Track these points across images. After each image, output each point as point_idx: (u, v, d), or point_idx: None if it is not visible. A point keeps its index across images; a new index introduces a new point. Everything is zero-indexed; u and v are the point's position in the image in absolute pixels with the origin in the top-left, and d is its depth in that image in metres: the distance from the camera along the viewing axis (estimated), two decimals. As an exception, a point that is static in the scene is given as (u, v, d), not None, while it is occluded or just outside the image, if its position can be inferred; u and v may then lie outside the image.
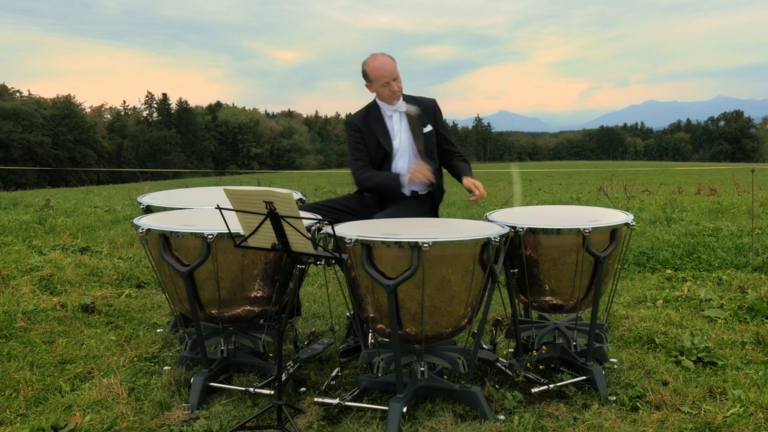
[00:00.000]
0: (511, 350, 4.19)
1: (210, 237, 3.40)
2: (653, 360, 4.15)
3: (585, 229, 3.55)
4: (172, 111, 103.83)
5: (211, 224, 3.56)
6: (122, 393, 3.69)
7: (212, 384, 3.66)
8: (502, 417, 3.37)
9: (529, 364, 3.82)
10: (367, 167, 4.47)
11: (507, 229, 3.48)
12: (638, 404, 3.53)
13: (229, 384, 3.74)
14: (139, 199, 4.54)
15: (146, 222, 3.66)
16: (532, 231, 3.65)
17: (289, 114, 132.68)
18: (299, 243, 3.10)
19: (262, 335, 3.79)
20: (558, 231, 3.62)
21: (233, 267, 3.55)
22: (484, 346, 3.98)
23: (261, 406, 3.50)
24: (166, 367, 4.01)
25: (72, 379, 3.92)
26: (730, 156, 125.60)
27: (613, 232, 3.70)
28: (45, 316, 4.95)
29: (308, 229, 3.54)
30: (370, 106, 4.54)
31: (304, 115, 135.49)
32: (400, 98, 4.44)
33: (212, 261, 3.48)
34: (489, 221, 3.82)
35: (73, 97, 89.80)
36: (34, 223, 8.95)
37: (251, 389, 3.57)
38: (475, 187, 4.23)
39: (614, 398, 3.60)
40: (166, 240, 3.52)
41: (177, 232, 3.47)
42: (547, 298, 3.82)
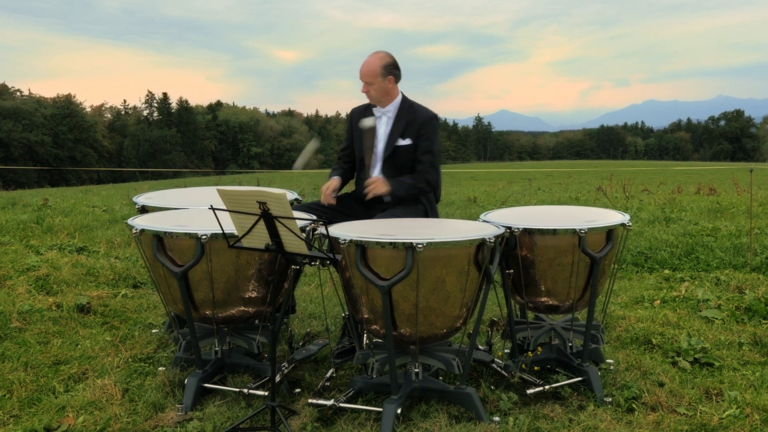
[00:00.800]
0: (506, 351, 4.18)
1: (204, 237, 3.39)
2: (650, 361, 4.13)
3: (581, 229, 3.53)
4: (173, 110, 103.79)
5: (205, 224, 3.54)
6: (116, 394, 3.67)
7: (206, 385, 3.65)
8: (497, 418, 3.35)
9: (524, 365, 3.80)
10: (339, 162, 4.58)
11: (502, 230, 3.46)
12: (634, 405, 3.52)
13: (224, 385, 3.72)
14: (135, 199, 4.53)
15: (140, 222, 3.64)
16: (528, 231, 3.64)
17: (290, 113, 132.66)
18: (293, 244, 3.08)
19: (257, 336, 3.77)
20: (554, 231, 3.60)
21: (227, 267, 3.53)
22: (480, 347, 3.96)
23: (255, 408, 3.48)
24: (161, 368, 3.99)
25: (66, 380, 3.91)
26: (731, 155, 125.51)
27: (609, 232, 3.68)
28: (40, 316, 4.93)
29: (302, 229, 3.52)
30: (373, 105, 4.47)
31: (305, 115, 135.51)
32: (382, 103, 4.34)
33: (206, 261, 3.47)
34: (484, 222, 3.81)
35: (74, 97, 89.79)
36: (31, 222, 8.93)
37: (245, 390, 3.56)
38: (369, 182, 4.17)
39: (610, 399, 3.58)
40: (159, 240, 3.51)
41: (171, 233, 3.46)
42: (543, 299, 3.81)
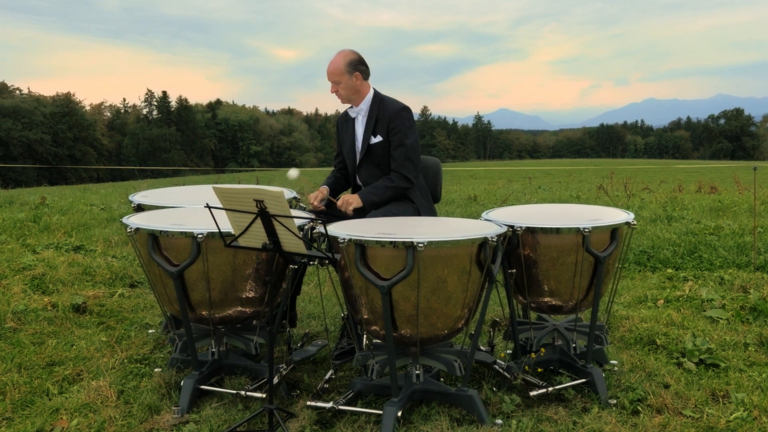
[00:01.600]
0: (508, 351, 4.11)
1: (200, 236, 3.32)
2: (654, 362, 4.06)
3: (585, 228, 3.46)
4: (172, 109, 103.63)
5: (201, 223, 3.47)
6: (111, 396, 3.60)
7: (203, 387, 3.57)
8: (499, 421, 3.28)
9: (527, 367, 3.73)
10: (333, 170, 4.57)
11: (504, 229, 3.39)
12: (639, 408, 3.45)
13: (221, 387, 3.65)
14: (131, 197, 4.46)
15: (135, 221, 3.57)
16: (531, 230, 3.57)
17: (289, 112, 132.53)
18: (291, 243, 3.01)
19: (254, 337, 3.70)
20: (557, 230, 3.53)
21: (224, 267, 3.46)
22: (482, 347, 3.89)
23: (252, 410, 3.41)
24: (157, 369, 3.92)
25: (60, 382, 3.84)
26: (731, 154, 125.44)
27: (614, 231, 3.61)
28: (35, 316, 4.86)
29: (301, 228, 3.45)
30: (350, 106, 4.42)
31: (304, 113, 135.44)
32: (355, 102, 4.28)
33: (202, 261, 3.39)
34: (486, 220, 3.74)
35: (73, 95, 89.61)
36: (28, 221, 8.85)
37: (243, 392, 3.49)
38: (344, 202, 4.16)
39: (614, 401, 3.51)
40: (155, 239, 3.43)
41: (166, 232, 3.38)
42: (546, 299, 3.74)
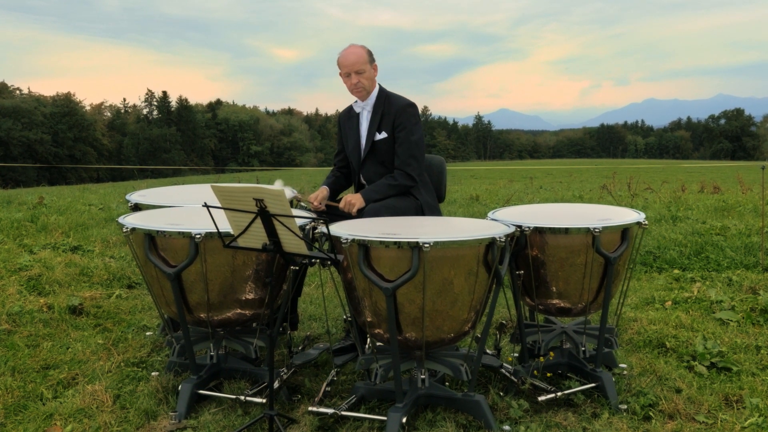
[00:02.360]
0: (515, 354, 4.01)
1: (198, 237, 3.21)
2: (664, 365, 3.96)
3: (595, 228, 3.35)
4: (172, 109, 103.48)
5: (199, 223, 3.36)
6: (107, 400, 3.50)
7: (201, 391, 3.47)
8: (507, 427, 3.18)
9: (536, 372, 3.62)
10: (333, 168, 4.46)
11: (512, 229, 3.29)
12: (651, 413, 3.34)
13: (220, 391, 3.55)
14: (128, 196, 4.34)
15: (131, 220, 3.47)
16: (539, 230, 3.46)
17: (289, 112, 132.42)
18: (292, 243, 2.91)
19: (254, 340, 3.60)
20: (566, 230, 3.43)
21: (223, 268, 3.36)
22: (488, 351, 3.79)
23: (252, 416, 3.31)
24: (154, 373, 3.82)
25: (55, 386, 3.73)
26: (731, 154, 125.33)
27: (624, 231, 3.51)
28: (30, 318, 4.76)
29: (302, 228, 3.35)
30: (354, 102, 4.36)
31: (304, 113, 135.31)
32: (364, 96, 4.20)
33: (201, 262, 3.29)
34: (493, 220, 3.63)
35: (73, 95, 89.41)
36: (26, 221, 8.76)
37: (242, 397, 3.38)
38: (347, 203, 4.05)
39: (625, 407, 3.41)
40: (151, 240, 3.33)
41: (163, 232, 3.28)
42: (555, 301, 3.63)
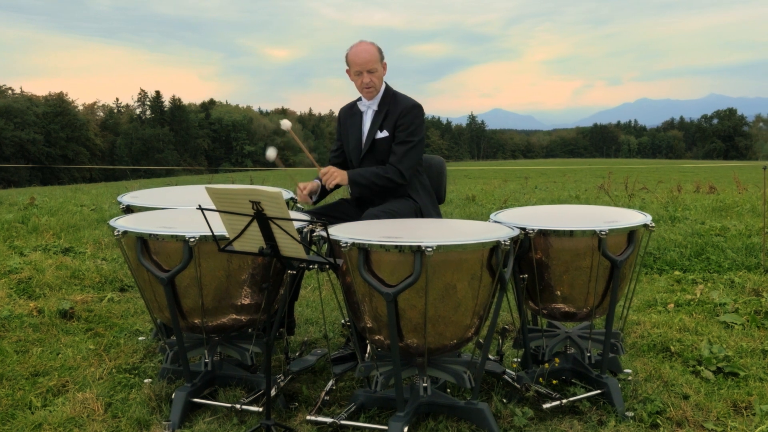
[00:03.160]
0: (516, 360, 3.91)
1: (192, 240, 3.10)
2: (670, 370, 3.87)
3: (601, 231, 3.26)
4: (165, 109, 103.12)
5: (193, 226, 3.25)
6: (98, 409, 3.39)
7: (195, 400, 3.36)
8: (511, 436, 3.08)
9: (541, 379, 3.52)
10: (329, 163, 4.33)
11: (517, 232, 3.19)
12: (658, 421, 3.25)
13: (215, 399, 3.44)
14: (120, 198, 4.23)
15: (123, 223, 3.35)
16: (544, 233, 3.36)
17: (283, 111, 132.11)
18: (290, 247, 2.81)
19: (250, 346, 3.49)
20: (571, 233, 3.33)
21: (218, 272, 3.25)
22: (490, 356, 3.69)
23: (248, 425, 3.20)
24: (147, 380, 3.71)
25: (44, 394, 3.62)
26: (724, 154, 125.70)
27: (631, 234, 3.41)
28: (20, 322, 4.64)
29: (300, 231, 3.25)
30: (358, 99, 4.26)
31: (298, 113, 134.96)
32: (373, 95, 4.11)
33: (195, 266, 3.18)
34: (495, 222, 3.54)
35: (66, 95, 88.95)
36: (16, 222, 8.63)
37: (238, 406, 3.28)
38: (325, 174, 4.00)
39: (632, 414, 3.31)
40: (144, 243, 3.22)
41: (156, 235, 3.17)
42: (559, 305, 3.53)
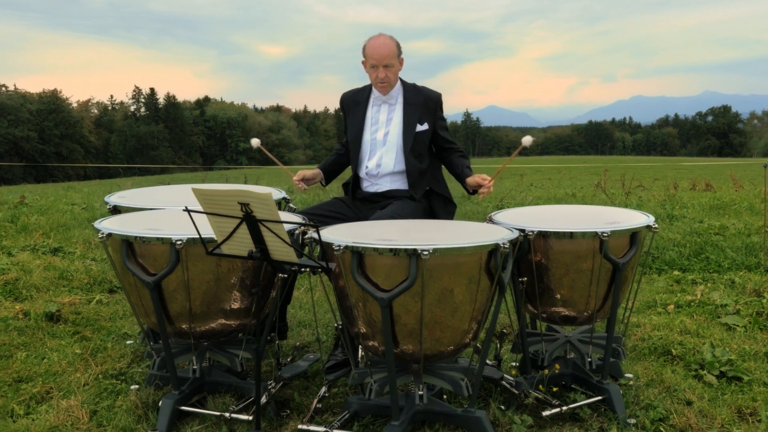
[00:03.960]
0: (514, 364, 3.81)
1: (179, 243, 2.98)
2: (672, 375, 3.77)
3: (603, 232, 3.15)
4: (160, 106, 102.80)
5: (181, 228, 3.13)
6: (82, 417, 3.27)
7: (183, 408, 3.24)
8: (510, 446, 2.98)
9: (541, 386, 3.41)
10: (337, 152, 4.34)
11: (516, 234, 3.08)
12: (661, 428, 3.15)
13: (203, 407, 3.33)
14: (107, 198, 4.09)
15: (108, 225, 3.23)
16: (543, 234, 3.25)
17: (278, 109, 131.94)
18: (280, 250, 2.70)
19: (240, 352, 3.37)
20: (572, 235, 3.22)
21: (207, 276, 3.13)
22: (488, 361, 3.58)
23: (238, 434, 3.09)
24: (134, 386, 3.59)
25: (27, 401, 3.49)
26: (718, 151, 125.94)
27: (633, 235, 3.30)
28: (5, 326, 4.52)
29: (291, 233, 3.13)
30: (366, 86, 4.16)
31: (293, 110, 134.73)
32: (387, 90, 4.01)
33: (182, 269, 3.06)
34: (494, 223, 3.43)
35: (60, 92, 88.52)
36: (5, 221, 8.49)
37: (227, 414, 3.16)
38: (483, 180, 3.78)
39: (634, 421, 3.21)
40: (129, 246, 3.10)
41: (141, 237, 3.05)
42: (559, 309, 3.43)
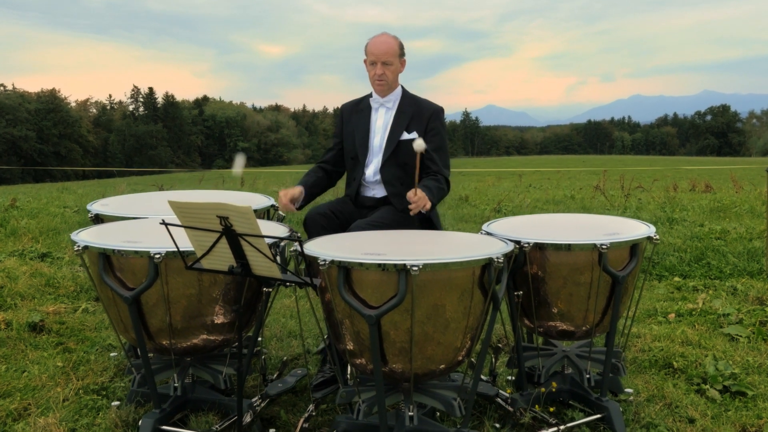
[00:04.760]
0: (510, 378, 3.68)
1: (157, 257, 2.84)
2: (673, 389, 3.64)
3: (602, 245, 3.01)
4: (159, 105, 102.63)
5: (161, 239, 2.98)
6: (60, 436, 3.14)
7: (164, 427, 3.10)
8: (505, 469, 2.84)
9: (537, 406, 3.28)
10: (317, 164, 4.07)
11: (511, 247, 2.93)
12: (663, 449, 3.02)
13: (186, 425, 3.19)
14: (89, 206, 3.92)
15: (85, 237, 3.09)
16: (540, 246, 3.12)
17: (277, 108, 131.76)
18: (262, 265, 2.56)
19: (224, 368, 3.23)
20: (570, 247, 3.09)
21: (188, 290, 2.99)
22: (483, 377, 3.45)
23: (220, 456, 2.96)
24: (115, 403, 3.44)
25: (4, 418, 3.36)
26: (717, 150, 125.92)
27: (634, 247, 3.17)
28: (-15, 337, 4.39)
29: (277, 245, 3.00)
30: (367, 95, 4.01)
31: (292, 110, 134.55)
32: (384, 89, 3.86)
33: (161, 284, 2.93)
34: (488, 234, 3.29)
35: (58, 91, 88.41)
36: (-5, 225, 8.36)
37: (209, 434, 3.03)
38: (413, 196, 3.43)
39: (634, 441, 3.08)
40: (107, 259, 2.96)
41: (119, 251, 2.91)
42: (556, 323, 3.29)
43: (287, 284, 2.97)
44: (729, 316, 4.80)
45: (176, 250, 2.69)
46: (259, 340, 3.59)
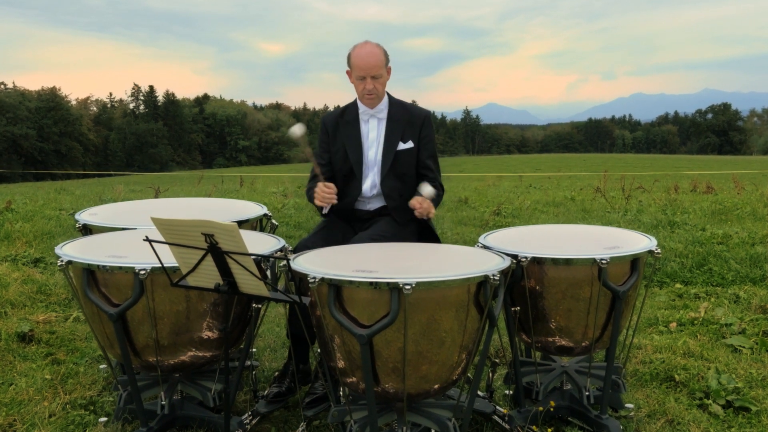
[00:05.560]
0: (507, 393, 3.59)
1: (143, 273, 2.76)
2: (675, 404, 3.55)
3: (602, 259, 2.93)
4: (159, 103, 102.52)
5: (148, 253, 2.88)
6: (44, 455, 3.06)
7: (151, 446, 3.03)
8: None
9: (535, 427, 3.18)
10: (316, 178, 3.78)
11: (508, 262, 2.84)
12: (664, 469, 2.94)
13: (173, 444, 3.11)
14: (77, 216, 3.83)
15: (69, 251, 3.00)
16: (538, 261, 3.03)
17: (277, 106, 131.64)
18: (249, 283, 2.47)
19: (213, 385, 3.15)
20: (569, 261, 3.00)
21: (175, 306, 2.90)
22: (479, 393, 3.36)
23: (208, 477, 2.87)
24: (102, 419, 3.35)
25: (-13, 436, 3.28)
26: (718, 148, 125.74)
27: (635, 261, 3.08)
28: (-27, 348, 4.30)
29: (265, 260, 2.91)
30: (349, 105, 3.89)
31: (292, 108, 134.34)
32: (375, 103, 3.77)
33: (147, 300, 2.84)
34: (484, 247, 3.20)
35: (59, 89, 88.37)
36: (-12, 229, 8.25)
37: (197, 454, 2.95)
38: (419, 204, 3.51)
39: (635, 460, 3.00)
40: (91, 274, 2.87)
41: (104, 266, 2.82)
42: (554, 339, 3.20)
43: (277, 301, 2.89)
44: (731, 326, 4.71)
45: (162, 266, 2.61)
46: (252, 351, 3.51)
